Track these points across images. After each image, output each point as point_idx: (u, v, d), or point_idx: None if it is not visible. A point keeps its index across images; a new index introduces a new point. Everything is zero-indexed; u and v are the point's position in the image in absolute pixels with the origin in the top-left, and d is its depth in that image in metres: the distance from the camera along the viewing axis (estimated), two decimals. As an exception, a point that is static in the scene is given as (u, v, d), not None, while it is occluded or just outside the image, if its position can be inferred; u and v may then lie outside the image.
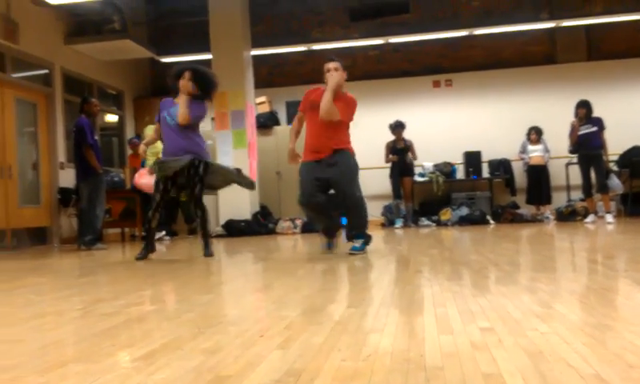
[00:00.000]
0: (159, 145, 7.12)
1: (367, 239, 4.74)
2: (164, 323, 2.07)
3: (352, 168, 4.74)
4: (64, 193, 8.10)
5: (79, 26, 8.77)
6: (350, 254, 4.53)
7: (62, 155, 8.37)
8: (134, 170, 8.78)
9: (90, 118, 6.88)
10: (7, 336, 2.01)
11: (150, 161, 7.35)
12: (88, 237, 6.67)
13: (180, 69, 4.88)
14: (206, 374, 1.40)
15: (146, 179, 7.18)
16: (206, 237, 4.94)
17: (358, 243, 4.64)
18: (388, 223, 9.12)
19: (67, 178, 8.16)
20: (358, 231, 4.70)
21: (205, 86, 4.87)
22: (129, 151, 10.18)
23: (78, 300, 2.78)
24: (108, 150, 10.19)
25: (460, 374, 1.33)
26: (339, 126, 4.67)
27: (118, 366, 1.51)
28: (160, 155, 6.65)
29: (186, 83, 4.75)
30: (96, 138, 7.01)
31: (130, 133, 10.32)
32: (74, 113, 8.21)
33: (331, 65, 4.74)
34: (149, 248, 4.93)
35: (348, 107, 4.70)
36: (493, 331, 1.73)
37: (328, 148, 4.63)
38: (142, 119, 10.43)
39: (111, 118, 10.35)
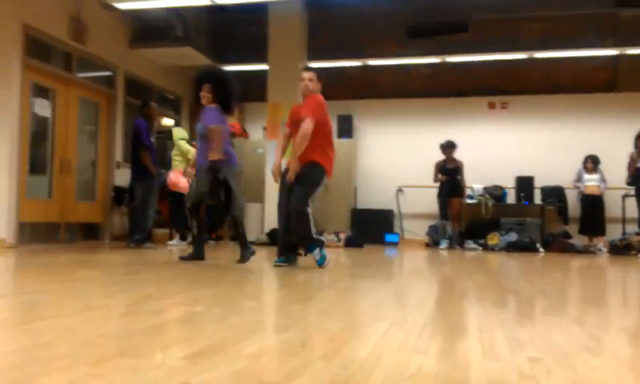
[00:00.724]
0: (191, 150, 7.31)
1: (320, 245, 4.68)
2: (209, 325, 2.11)
3: (306, 179, 4.62)
4: (118, 191, 8.37)
5: (143, 31, 9.09)
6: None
7: (119, 155, 8.66)
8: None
9: (148, 120, 7.11)
10: (59, 326, 2.09)
11: (177, 162, 7.67)
12: (138, 236, 6.87)
13: (199, 78, 4.96)
14: (249, 379, 1.42)
15: (182, 180, 7.42)
16: (241, 241, 5.03)
17: (317, 256, 4.62)
18: (433, 243, 9.00)
19: (122, 177, 8.42)
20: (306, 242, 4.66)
21: (223, 97, 4.91)
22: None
23: (126, 296, 2.86)
24: (163, 152, 10.48)
25: (506, 402, 1.30)
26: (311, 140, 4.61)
27: (164, 364, 1.55)
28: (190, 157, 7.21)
29: (204, 95, 4.86)
30: (152, 140, 7.23)
31: (184, 137, 10.58)
32: (133, 114, 8.50)
33: (306, 75, 4.73)
34: (196, 254, 5.06)
35: (314, 106, 4.70)
36: (541, 362, 1.68)
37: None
38: (195, 124, 10.67)
39: (168, 121, 10.65)
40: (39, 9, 7.01)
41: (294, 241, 4.72)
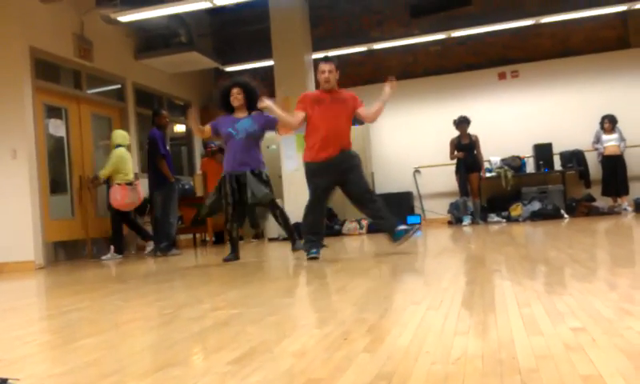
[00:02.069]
0: (124, 167, 7.16)
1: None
2: (249, 327, 2.13)
3: (359, 166, 4.94)
4: (139, 202, 8.46)
5: (148, 42, 9.14)
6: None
7: (136, 166, 8.74)
8: (205, 175, 9.03)
9: (161, 129, 7.16)
10: (103, 342, 2.12)
11: (119, 179, 7.21)
12: (163, 243, 6.94)
13: (225, 87, 5.16)
14: (298, 377, 1.43)
15: (121, 197, 7.12)
16: (290, 234, 5.33)
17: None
18: (455, 221, 8.96)
19: (142, 187, 8.50)
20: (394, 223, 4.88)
21: (252, 96, 5.07)
22: (197, 157, 10.49)
23: (163, 305, 2.90)
24: (178, 159, 10.55)
25: (557, 375, 1.29)
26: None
27: (212, 370, 1.57)
28: (129, 176, 7.15)
29: (236, 97, 5.03)
30: (167, 148, 7.28)
31: (197, 142, 10.64)
32: (145, 125, 8.56)
33: (326, 67, 4.79)
34: (234, 255, 5.25)
35: (355, 99, 4.95)
36: (585, 331, 1.67)
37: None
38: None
39: (180, 128, 10.71)
40: (44, 30, 7.08)
41: (380, 223, 4.89)
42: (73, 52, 7.57)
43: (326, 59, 4.84)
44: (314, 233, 4.85)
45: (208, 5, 7.34)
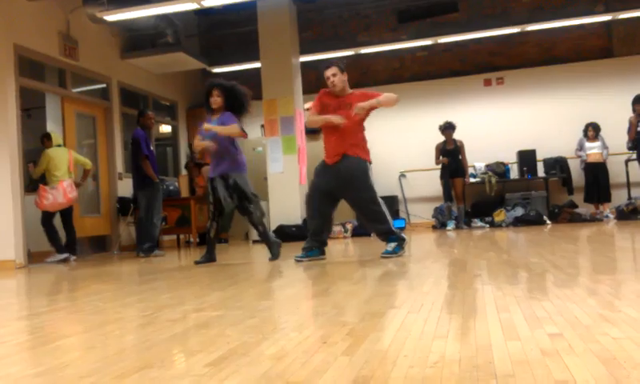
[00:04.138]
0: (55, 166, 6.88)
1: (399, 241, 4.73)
2: (228, 329, 2.12)
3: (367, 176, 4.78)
4: (122, 202, 8.39)
5: (134, 41, 9.07)
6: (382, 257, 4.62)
7: (120, 166, 8.68)
8: (192, 177, 8.98)
9: (145, 129, 7.11)
10: (81, 343, 2.10)
11: (52, 181, 6.89)
12: (146, 244, 6.89)
13: (207, 87, 5.12)
14: (275, 380, 1.43)
15: (49, 200, 6.81)
16: (266, 242, 5.15)
17: (390, 247, 4.70)
18: (439, 225, 9.00)
19: (125, 187, 8.44)
20: (387, 235, 4.74)
21: (232, 99, 5.02)
22: (183, 159, 10.44)
23: (143, 306, 2.87)
24: (163, 159, 10.49)
25: (532, 381, 1.31)
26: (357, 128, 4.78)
27: (190, 372, 1.56)
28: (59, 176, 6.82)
29: (215, 99, 4.97)
30: (152, 148, 7.23)
31: (183, 142, 10.59)
32: (130, 125, 8.50)
33: (329, 72, 4.70)
34: (209, 257, 5.12)
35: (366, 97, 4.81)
36: (562, 337, 1.69)
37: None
38: (194, 128, 10.68)
39: (166, 128, 10.65)
40: (29, 28, 7.00)
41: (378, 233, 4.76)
42: (58, 50, 7.49)
43: (328, 64, 4.74)
44: (312, 235, 4.80)
45: (195, 6, 7.31)
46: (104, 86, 8.62)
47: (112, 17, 7.50)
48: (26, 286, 4.68)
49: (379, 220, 4.63)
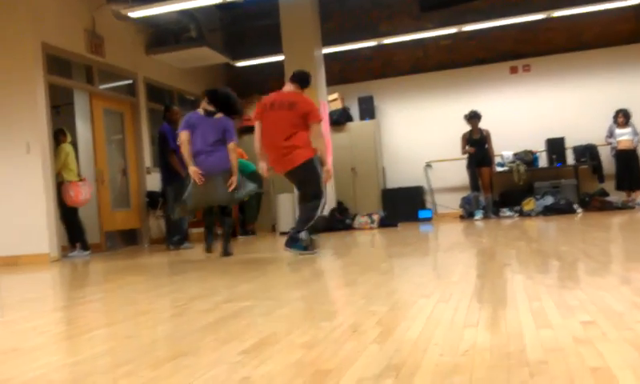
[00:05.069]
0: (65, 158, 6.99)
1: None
2: (259, 319, 2.15)
3: None
4: (151, 196, 8.52)
5: (159, 37, 9.17)
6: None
7: (148, 160, 8.80)
8: None
9: (171, 124, 7.18)
10: (117, 332, 2.16)
11: (68, 176, 7.01)
12: (175, 237, 6.99)
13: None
14: (307, 368, 1.45)
15: (83, 195, 7.01)
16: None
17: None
18: (467, 215, 8.93)
19: (154, 182, 8.56)
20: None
21: (220, 105, 5.19)
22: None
23: (174, 297, 2.93)
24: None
25: (565, 368, 1.30)
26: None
27: (224, 360, 1.59)
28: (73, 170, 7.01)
29: (205, 105, 5.22)
30: (178, 143, 7.30)
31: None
32: (157, 120, 8.60)
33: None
34: (207, 246, 5.40)
35: (313, 110, 4.90)
36: (595, 325, 1.67)
37: None
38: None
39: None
40: (56, 26, 7.13)
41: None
42: (84, 47, 7.62)
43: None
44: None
45: (218, 0, 7.34)
46: (130, 82, 8.74)
47: (136, 13, 7.59)
48: (61, 278, 4.80)
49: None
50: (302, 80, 5.01)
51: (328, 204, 8.59)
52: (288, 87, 5.01)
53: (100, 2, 7.77)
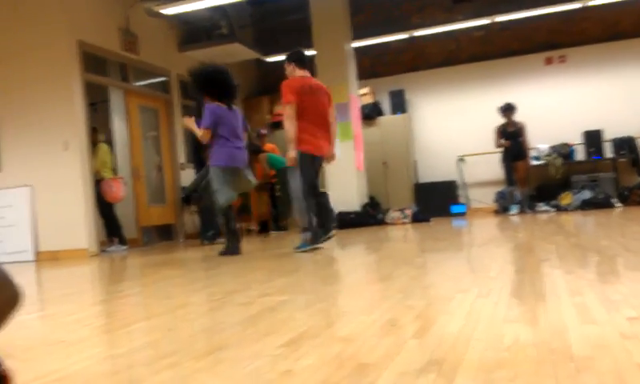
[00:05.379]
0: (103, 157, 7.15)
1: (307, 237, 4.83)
2: (296, 313, 2.16)
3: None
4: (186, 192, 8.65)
5: (191, 34, 9.27)
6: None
7: (182, 156, 8.93)
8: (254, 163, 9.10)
9: (205, 119, 7.25)
10: (157, 326, 2.20)
11: (106, 173, 7.19)
12: (210, 232, 7.08)
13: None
14: (348, 361, 1.45)
15: (117, 190, 7.17)
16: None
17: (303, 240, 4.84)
18: (502, 210, 8.79)
19: (188, 177, 8.68)
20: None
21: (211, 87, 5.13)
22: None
23: (211, 291, 2.97)
24: (221, 149, 10.67)
25: (612, 364, 1.27)
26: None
27: (264, 352, 1.60)
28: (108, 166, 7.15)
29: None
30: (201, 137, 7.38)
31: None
32: (190, 116, 8.69)
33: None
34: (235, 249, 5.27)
35: (282, 93, 4.85)
36: (642, 321, 1.63)
37: None
38: (251, 117, 10.84)
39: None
40: (91, 24, 7.28)
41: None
42: (119, 45, 7.76)
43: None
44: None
45: (249, -4, 7.39)
46: (164, 79, 8.86)
47: (169, 10, 7.70)
48: (100, 272, 4.91)
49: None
50: (310, 64, 5.12)
51: (360, 198, 8.61)
52: (304, 73, 5.02)
53: (133, 0, 7.90)
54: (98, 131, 7.41)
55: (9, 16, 6.99)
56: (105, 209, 7.13)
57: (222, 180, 5.06)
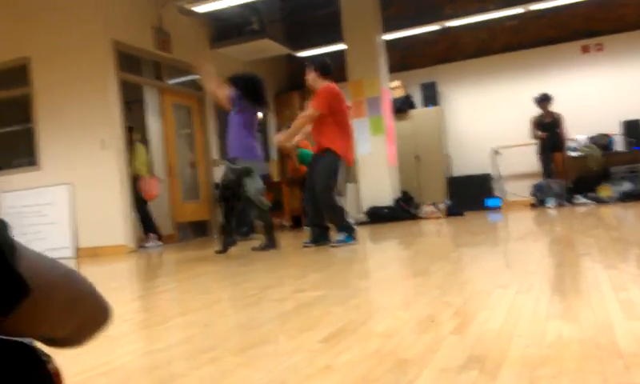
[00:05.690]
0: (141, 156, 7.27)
1: (349, 232, 4.90)
2: (333, 308, 2.16)
3: (321, 165, 4.96)
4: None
5: (222, 31, 9.34)
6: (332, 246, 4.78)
7: (215, 153, 9.02)
8: (285, 160, 9.14)
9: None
10: (197, 320, 2.22)
11: (143, 171, 7.31)
12: (243, 228, 7.14)
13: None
14: (387, 357, 1.44)
15: (155, 188, 7.35)
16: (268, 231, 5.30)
17: (340, 236, 4.88)
18: (539, 203, 8.61)
19: (221, 174, 8.75)
20: (336, 228, 4.97)
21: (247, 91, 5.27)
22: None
23: (247, 287, 2.99)
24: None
25: (664, 362, 1.23)
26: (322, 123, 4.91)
27: (303, 347, 1.61)
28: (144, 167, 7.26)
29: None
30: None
31: (272, 127, 10.82)
32: (222, 113, 8.78)
33: (306, 75, 5.11)
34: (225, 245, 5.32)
35: (316, 98, 4.96)
36: (692, 317, 1.57)
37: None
38: (282, 113, 10.89)
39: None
40: (125, 23, 7.39)
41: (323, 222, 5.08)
42: (152, 44, 7.87)
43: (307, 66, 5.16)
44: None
45: (280, -9, 7.40)
46: (197, 76, 8.95)
47: (201, 8, 7.77)
48: (138, 268, 5.01)
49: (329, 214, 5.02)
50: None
51: (393, 193, 8.56)
52: (328, 82, 5.11)
53: (166, -1, 8.00)
54: (134, 130, 7.55)
55: (48, 18, 7.16)
56: (139, 206, 7.27)
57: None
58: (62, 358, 0.67)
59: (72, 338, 0.65)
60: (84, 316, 0.65)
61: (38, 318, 0.56)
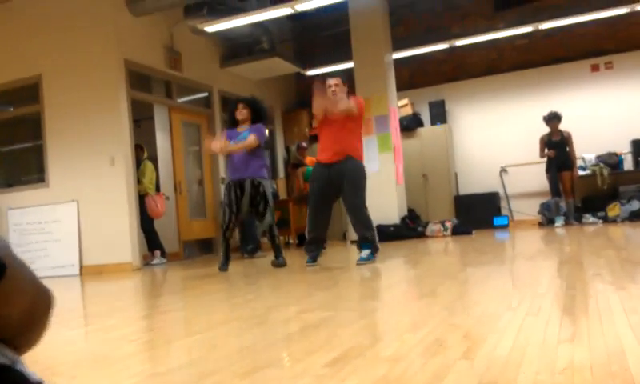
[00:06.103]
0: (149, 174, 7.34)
1: (374, 249, 4.84)
2: (340, 330, 2.13)
3: (356, 174, 4.89)
4: (225, 205, 8.75)
5: (233, 50, 9.42)
6: (358, 264, 4.69)
7: (222, 171, 9.04)
8: (292, 176, 9.15)
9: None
10: (202, 341, 2.20)
11: (151, 189, 7.39)
12: (250, 246, 7.13)
13: (232, 103, 5.51)
14: (395, 383, 1.42)
15: (160, 206, 7.37)
16: (276, 247, 5.33)
17: (364, 254, 4.78)
18: (547, 222, 8.55)
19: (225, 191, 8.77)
20: (364, 242, 4.83)
21: (256, 111, 5.38)
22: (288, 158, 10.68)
23: (253, 306, 2.97)
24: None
25: (678, 392, 1.20)
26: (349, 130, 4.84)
27: (309, 372, 1.58)
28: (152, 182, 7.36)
29: (241, 112, 5.33)
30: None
31: (280, 145, 10.85)
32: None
33: (332, 81, 4.89)
34: (225, 261, 5.34)
35: (356, 99, 4.91)
36: None
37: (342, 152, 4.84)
38: (290, 130, 10.92)
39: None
40: (137, 43, 7.47)
41: (361, 234, 4.91)
42: (164, 63, 7.94)
43: (332, 74, 5.04)
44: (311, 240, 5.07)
45: (289, 11, 7.46)
46: (206, 94, 9.02)
47: (212, 28, 7.83)
48: (143, 286, 5.00)
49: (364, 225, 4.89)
50: None
51: (400, 211, 8.52)
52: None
53: (177, 19, 8.08)
54: (143, 148, 7.59)
55: (60, 37, 7.25)
56: (145, 223, 7.28)
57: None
58: (65, 380, 0.66)
59: (21, 327, 0.66)
60: (33, 297, 0.66)
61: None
